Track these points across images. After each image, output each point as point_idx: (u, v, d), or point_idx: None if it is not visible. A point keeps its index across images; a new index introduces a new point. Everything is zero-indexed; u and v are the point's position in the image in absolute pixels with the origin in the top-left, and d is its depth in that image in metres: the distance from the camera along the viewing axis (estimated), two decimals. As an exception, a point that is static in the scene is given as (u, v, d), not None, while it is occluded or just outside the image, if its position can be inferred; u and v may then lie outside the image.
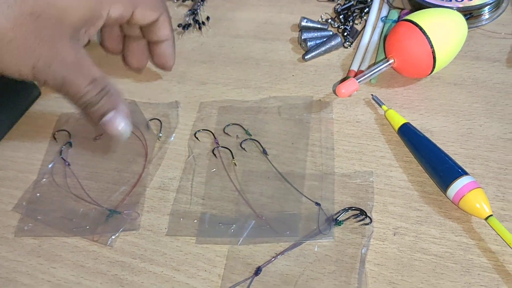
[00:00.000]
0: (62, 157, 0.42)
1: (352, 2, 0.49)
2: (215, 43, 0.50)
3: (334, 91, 0.42)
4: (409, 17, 0.40)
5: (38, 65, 0.32)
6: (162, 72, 0.48)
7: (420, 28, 0.39)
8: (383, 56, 0.44)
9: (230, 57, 0.48)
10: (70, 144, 0.43)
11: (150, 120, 0.43)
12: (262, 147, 0.40)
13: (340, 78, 0.44)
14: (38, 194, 0.40)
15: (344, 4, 0.49)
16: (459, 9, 0.43)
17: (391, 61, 0.40)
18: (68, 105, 0.39)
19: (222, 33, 0.51)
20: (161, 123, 0.43)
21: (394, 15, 0.46)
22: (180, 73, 0.48)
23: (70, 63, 0.32)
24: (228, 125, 0.43)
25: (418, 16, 0.40)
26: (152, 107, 0.44)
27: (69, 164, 0.41)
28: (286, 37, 0.49)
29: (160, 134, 0.42)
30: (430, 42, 0.38)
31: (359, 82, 0.40)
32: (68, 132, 0.44)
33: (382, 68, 0.40)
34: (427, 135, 0.38)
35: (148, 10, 0.39)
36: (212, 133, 0.42)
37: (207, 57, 0.49)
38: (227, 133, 0.42)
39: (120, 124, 0.34)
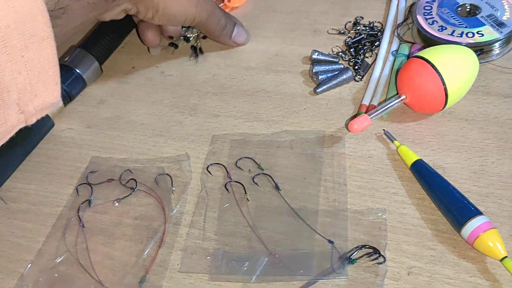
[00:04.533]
0: (78, 215, 0.41)
1: (363, 36, 0.50)
2: (227, 74, 0.51)
3: (347, 126, 0.42)
4: (420, 53, 0.41)
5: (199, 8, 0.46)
6: (174, 105, 0.49)
7: (432, 65, 0.39)
8: (394, 91, 0.44)
9: (241, 89, 0.49)
10: (89, 203, 0.42)
11: (159, 175, 0.42)
12: (275, 182, 0.40)
13: (351, 112, 0.45)
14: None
15: (355, 37, 0.50)
16: (470, 45, 0.43)
17: (403, 97, 0.41)
18: (90, 144, 0.40)
19: (233, 64, 0.52)
20: (171, 178, 0.42)
21: (405, 49, 0.47)
22: (192, 105, 0.48)
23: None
24: (240, 158, 0.43)
25: (430, 53, 0.40)
26: (160, 161, 0.44)
27: (83, 226, 0.40)
28: (297, 70, 0.49)
29: (173, 188, 0.41)
30: (442, 79, 0.39)
31: (371, 118, 0.40)
32: (91, 187, 0.43)
33: (394, 104, 0.41)
34: (440, 171, 0.38)
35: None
36: (224, 167, 0.42)
37: (219, 89, 0.50)
38: (239, 167, 0.42)
39: (243, 35, 0.53)
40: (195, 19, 0.47)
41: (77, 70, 0.50)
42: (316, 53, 0.49)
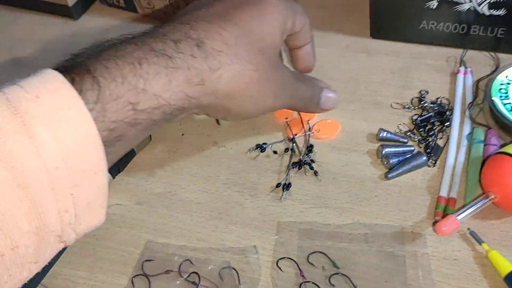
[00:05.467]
0: None
1: (431, 114, 0.47)
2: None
3: (433, 228, 0.39)
4: (508, 150, 0.38)
5: (277, 93, 0.38)
6: (231, 182, 0.46)
7: (524, 164, 0.37)
8: (474, 182, 0.41)
9: (305, 168, 0.46)
10: None
11: (224, 268, 0.39)
12: (354, 285, 0.37)
13: (428, 202, 0.42)
14: None
15: (422, 114, 0.48)
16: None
17: (491, 197, 0.38)
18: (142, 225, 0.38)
19: (292, 137, 0.49)
20: (237, 273, 0.39)
21: (480, 134, 0.44)
22: (251, 184, 0.45)
23: (292, 78, 0.40)
24: (312, 252, 0.40)
25: (520, 150, 0.38)
26: (224, 251, 0.40)
27: None
28: (362, 148, 0.47)
29: (241, 286, 0.38)
30: (536, 180, 0.37)
31: (460, 219, 0.37)
32: (149, 280, 0.39)
33: (483, 206, 0.38)
34: (535, 282, 0.35)
35: (302, 17, 0.41)
36: (295, 262, 0.39)
37: (280, 166, 0.47)
38: (311, 263, 0.39)
39: (332, 100, 0.45)
40: (276, 109, 0.41)
41: (126, 139, 0.47)
42: (385, 133, 0.46)
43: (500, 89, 0.46)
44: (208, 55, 0.33)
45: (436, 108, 0.48)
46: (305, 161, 0.46)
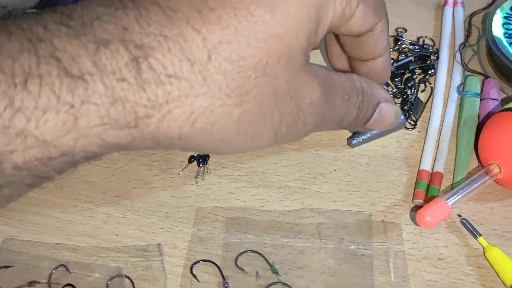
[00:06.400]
0: None
1: (410, 58, 0.35)
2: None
3: (413, 219, 0.28)
4: (518, 105, 0.27)
5: (280, 131, 0.23)
6: (137, 152, 0.33)
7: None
8: (466, 149, 0.30)
9: (238, 130, 0.34)
10: None
11: (114, 278, 0.27)
12: (300, 301, 0.26)
13: (405, 178, 0.31)
14: None
15: (398, 59, 0.36)
16: None
17: (494, 172, 0.27)
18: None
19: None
20: (133, 283, 0.27)
21: (475, 84, 0.33)
22: (164, 155, 0.33)
23: (319, 103, 0.24)
24: (242, 253, 0.28)
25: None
26: (116, 253, 0.28)
27: None
28: (318, 104, 0.35)
29: None
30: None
31: (451, 204, 0.26)
32: None
33: (482, 184, 0.27)
34: (551, 291, 0.25)
35: (370, 11, 0.26)
36: (218, 266, 0.28)
37: (204, 128, 0.34)
38: (241, 268, 0.28)
39: (387, 119, 0.28)
40: (276, 144, 0.26)
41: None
42: (348, 83, 0.34)
43: (504, 24, 0.34)
44: (151, 79, 0.19)
45: (417, 50, 0.36)
46: None
